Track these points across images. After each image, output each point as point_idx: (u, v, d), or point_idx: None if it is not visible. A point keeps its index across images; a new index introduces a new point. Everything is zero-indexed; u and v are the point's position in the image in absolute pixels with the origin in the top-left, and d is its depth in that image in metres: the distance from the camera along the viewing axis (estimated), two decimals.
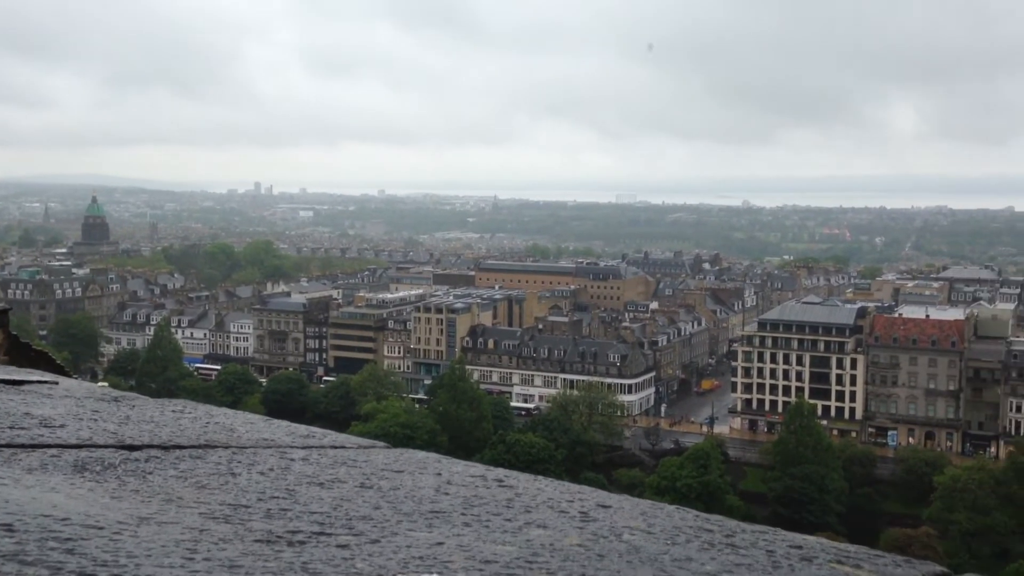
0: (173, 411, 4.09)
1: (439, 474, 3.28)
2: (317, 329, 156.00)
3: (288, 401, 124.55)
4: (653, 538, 2.71)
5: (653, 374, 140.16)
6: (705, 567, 2.48)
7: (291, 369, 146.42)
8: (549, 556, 2.44)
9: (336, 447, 3.58)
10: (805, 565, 2.58)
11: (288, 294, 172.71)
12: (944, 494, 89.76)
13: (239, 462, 3.23)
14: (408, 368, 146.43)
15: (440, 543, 2.47)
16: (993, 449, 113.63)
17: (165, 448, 3.38)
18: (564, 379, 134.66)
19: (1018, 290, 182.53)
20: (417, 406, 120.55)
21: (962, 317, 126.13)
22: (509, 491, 3.12)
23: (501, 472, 3.40)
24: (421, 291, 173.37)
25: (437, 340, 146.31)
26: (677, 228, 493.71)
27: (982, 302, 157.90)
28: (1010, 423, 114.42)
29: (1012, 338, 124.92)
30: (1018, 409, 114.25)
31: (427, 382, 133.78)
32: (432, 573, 2.23)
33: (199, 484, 2.90)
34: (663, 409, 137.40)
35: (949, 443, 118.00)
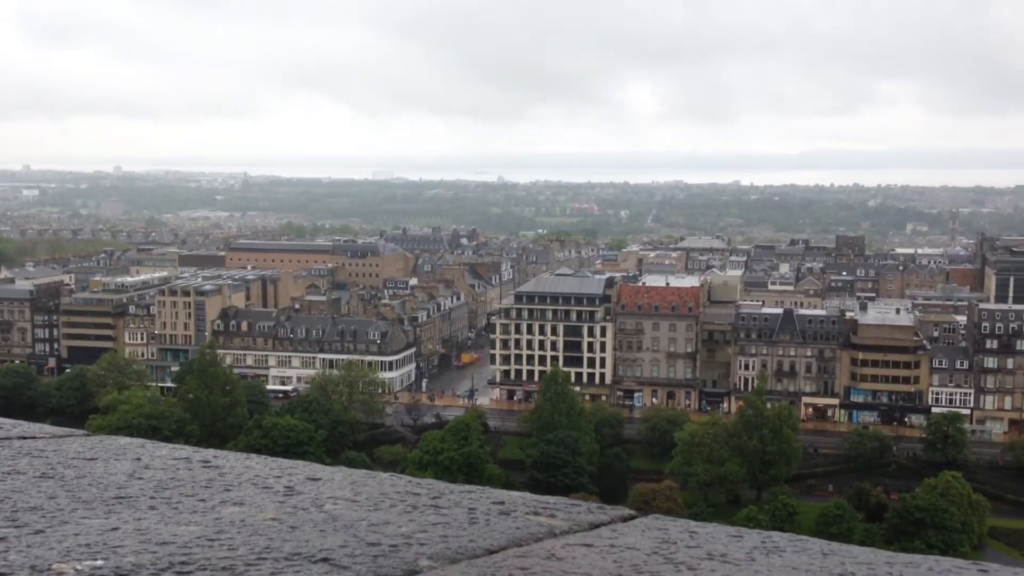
0: None
1: (138, 459, 3.15)
2: (47, 317, 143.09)
3: (15, 396, 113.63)
4: (356, 506, 2.80)
5: (414, 350, 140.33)
6: (401, 529, 2.61)
7: (17, 362, 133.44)
8: (236, 532, 2.47)
9: (25, 438, 3.34)
10: (502, 519, 2.79)
11: (12, 280, 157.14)
12: (684, 449, 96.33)
13: None
14: (153, 355, 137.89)
15: (115, 528, 2.45)
16: (726, 405, 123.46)
17: None
18: (323, 359, 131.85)
19: (745, 258, 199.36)
20: (164, 395, 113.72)
21: (697, 284, 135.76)
22: (212, 471, 3.07)
23: (210, 453, 3.31)
24: (166, 273, 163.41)
25: (185, 324, 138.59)
26: (435, 204, 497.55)
27: (714, 269, 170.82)
28: (740, 380, 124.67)
29: (740, 302, 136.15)
30: (746, 367, 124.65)
31: (175, 369, 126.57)
32: (96, 559, 2.20)
33: None
34: (424, 384, 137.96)
35: (688, 401, 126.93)
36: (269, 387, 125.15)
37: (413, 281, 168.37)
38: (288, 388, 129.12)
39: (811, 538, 2.92)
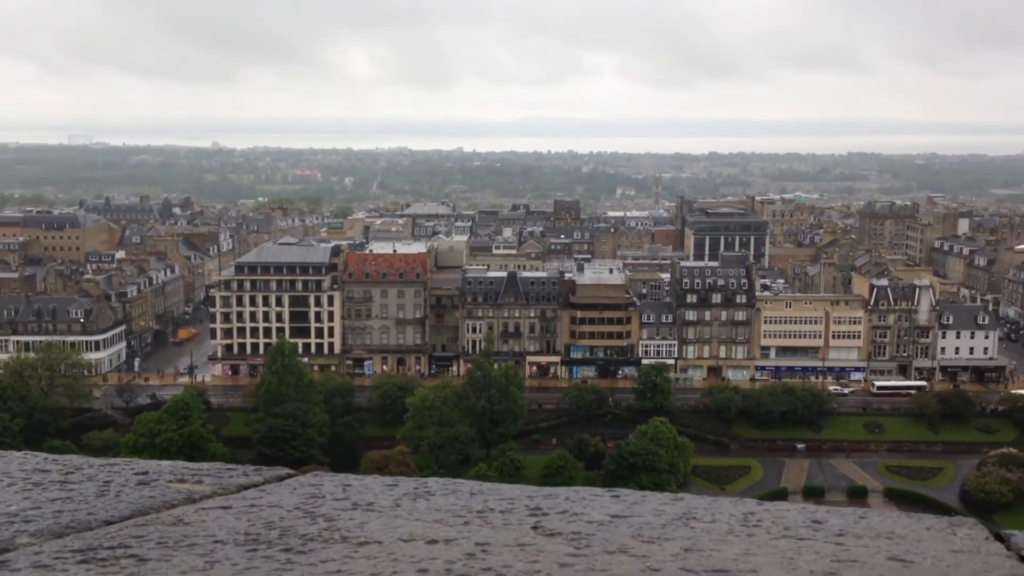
0: None
1: None
2: None
3: None
4: None
5: (123, 328, 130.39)
6: (10, 507, 2.58)
7: None
8: None
9: None
10: (138, 489, 2.77)
11: None
12: (415, 413, 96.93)
13: None
14: None
15: None
16: (455, 368, 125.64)
17: None
18: (17, 341, 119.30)
19: (470, 223, 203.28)
20: None
21: (424, 250, 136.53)
22: None
23: None
24: None
25: None
26: (142, 171, 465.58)
27: (441, 235, 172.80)
28: (468, 343, 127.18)
29: (466, 266, 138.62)
30: (474, 330, 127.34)
31: None
32: None
33: None
34: (137, 363, 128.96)
35: (418, 366, 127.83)
36: None
37: (120, 254, 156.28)
38: None
39: (466, 481, 3.09)
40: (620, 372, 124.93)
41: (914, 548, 2.86)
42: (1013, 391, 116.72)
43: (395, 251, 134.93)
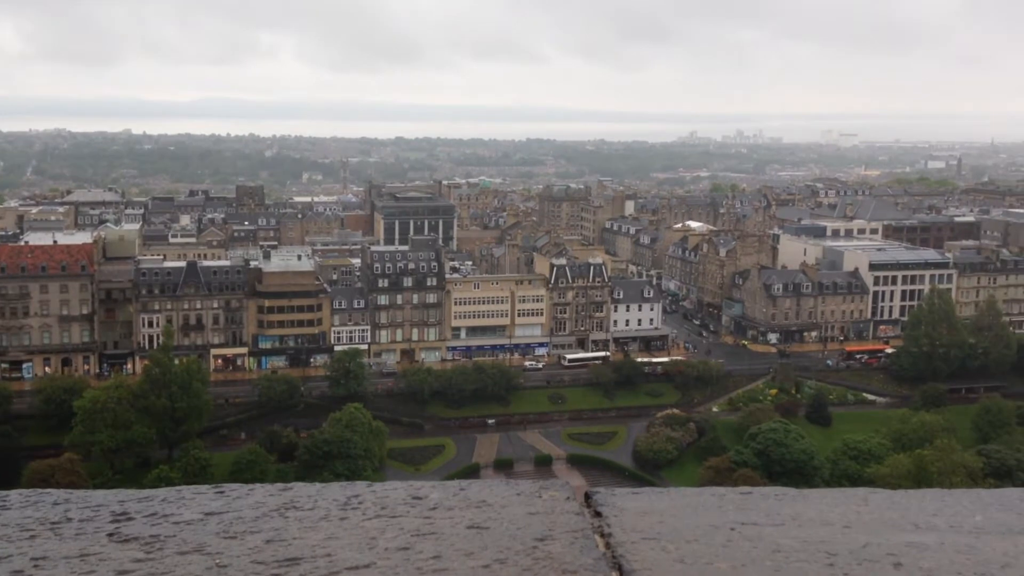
0: None
1: None
2: None
3: None
4: None
5: None
6: None
7: None
8: None
9: None
10: None
11: None
12: (85, 417, 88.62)
13: None
14: None
15: None
16: (130, 365, 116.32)
17: None
18: None
19: (142, 211, 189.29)
20: None
21: (90, 240, 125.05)
22: None
23: None
24: None
25: None
26: None
27: (109, 224, 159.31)
28: (144, 338, 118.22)
29: (140, 257, 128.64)
30: (151, 324, 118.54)
31: None
32: None
33: None
34: None
35: (87, 366, 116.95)
36: None
37: None
38: None
39: (54, 491, 3.01)
40: (312, 360, 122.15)
41: (496, 515, 2.99)
42: (674, 357, 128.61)
43: (55, 242, 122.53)
